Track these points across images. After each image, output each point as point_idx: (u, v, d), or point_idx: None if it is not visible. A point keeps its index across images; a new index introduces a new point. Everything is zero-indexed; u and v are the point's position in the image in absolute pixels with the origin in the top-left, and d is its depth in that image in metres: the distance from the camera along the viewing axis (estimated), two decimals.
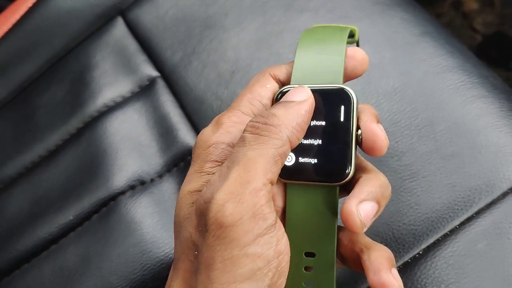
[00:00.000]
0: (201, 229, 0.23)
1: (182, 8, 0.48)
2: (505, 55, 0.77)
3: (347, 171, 0.26)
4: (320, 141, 0.27)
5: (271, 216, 0.23)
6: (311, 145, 0.27)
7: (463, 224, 0.33)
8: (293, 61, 0.29)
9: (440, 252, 0.33)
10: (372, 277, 0.25)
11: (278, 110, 0.25)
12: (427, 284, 0.32)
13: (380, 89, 0.38)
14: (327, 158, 0.26)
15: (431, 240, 0.33)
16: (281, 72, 0.29)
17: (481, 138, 0.35)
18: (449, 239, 0.33)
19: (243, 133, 0.25)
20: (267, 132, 0.24)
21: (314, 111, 0.27)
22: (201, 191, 0.25)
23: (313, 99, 0.26)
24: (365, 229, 0.25)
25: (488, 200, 0.33)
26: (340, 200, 0.27)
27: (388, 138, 0.36)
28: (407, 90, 0.38)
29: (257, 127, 0.24)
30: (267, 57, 0.43)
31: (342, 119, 0.26)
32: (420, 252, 0.33)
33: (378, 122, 0.27)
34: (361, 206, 0.25)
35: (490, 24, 0.79)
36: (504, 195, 0.33)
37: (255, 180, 0.23)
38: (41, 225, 0.42)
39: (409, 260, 0.33)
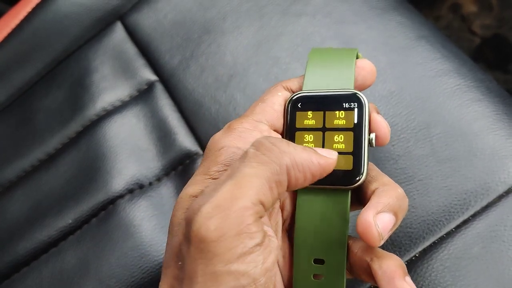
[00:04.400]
0: (186, 239, 0.23)
1: (181, 12, 0.48)
2: (503, 57, 0.77)
3: (359, 175, 0.26)
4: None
5: (259, 235, 0.22)
6: None
7: (459, 227, 0.33)
8: (304, 75, 0.30)
9: (437, 254, 0.33)
10: (385, 286, 0.25)
11: (294, 144, 0.24)
12: (423, 287, 0.32)
13: (376, 92, 0.39)
14: (339, 161, 0.26)
15: (427, 243, 0.33)
16: (293, 84, 0.30)
17: (477, 141, 0.35)
18: (445, 242, 0.33)
19: (249, 147, 0.24)
20: (269, 153, 0.23)
21: (327, 115, 0.28)
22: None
23: (335, 164, 0.25)
24: (382, 242, 0.25)
25: (484, 203, 0.33)
26: (354, 214, 0.26)
27: None
28: (403, 93, 0.38)
29: (262, 144, 0.24)
30: (265, 61, 0.43)
31: (355, 123, 0.27)
32: (417, 255, 0.33)
33: (378, 113, 0.28)
34: (379, 218, 0.24)
35: (489, 27, 0.79)
36: (500, 198, 0.33)
37: (244, 197, 0.22)
38: (41, 228, 0.43)
39: (406, 263, 0.34)
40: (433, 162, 0.35)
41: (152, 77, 0.47)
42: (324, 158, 0.25)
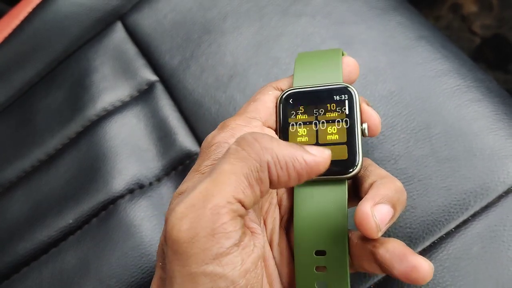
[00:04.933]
0: (165, 240, 0.22)
1: (181, 13, 0.48)
2: (503, 57, 0.77)
3: (355, 163, 0.27)
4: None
5: (235, 234, 0.21)
6: None
7: (458, 227, 0.33)
8: (293, 74, 0.30)
9: (436, 255, 0.33)
10: (398, 266, 0.24)
11: (279, 140, 0.23)
12: (422, 287, 0.32)
13: (376, 93, 0.39)
14: (334, 152, 0.26)
15: (427, 243, 0.33)
16: (283, 84, 0.30)
17: (476, 141, 0.35)
18: (444, 242, 0.33)
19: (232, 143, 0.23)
20: (249, 149, 0.22)
21: (319, 108, 0.28)
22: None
23: (326, 163, 0.23)
24: (380, 234, 0.25)
25: (484, 203, 0.33)
26: (354, 210, 0.26)
27: (384, 142, 0.37)
28: (403, 94, 0.38)
29: (244, 140, 0.23)
30: (264, 61, 0.43)
31: (346, 114, 0.27)
32: None
33: (368, 104, 0.29)
34: (377, 209, 0.24)
35: (489, 27, 0.79)
36: (499, 198, 0.33)
37: (219, 195, 0.21)
38: (41, 228, 0.43)
39: None
40: (433, 162, 0.35)
41: (152, 77, 0.47)
42: (312, 156, 0.23)
